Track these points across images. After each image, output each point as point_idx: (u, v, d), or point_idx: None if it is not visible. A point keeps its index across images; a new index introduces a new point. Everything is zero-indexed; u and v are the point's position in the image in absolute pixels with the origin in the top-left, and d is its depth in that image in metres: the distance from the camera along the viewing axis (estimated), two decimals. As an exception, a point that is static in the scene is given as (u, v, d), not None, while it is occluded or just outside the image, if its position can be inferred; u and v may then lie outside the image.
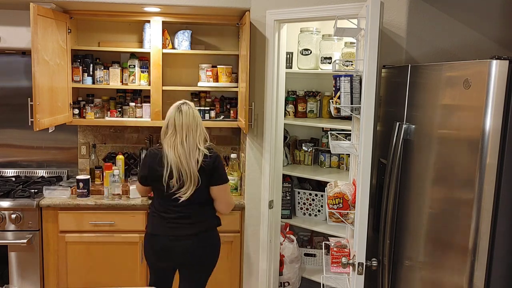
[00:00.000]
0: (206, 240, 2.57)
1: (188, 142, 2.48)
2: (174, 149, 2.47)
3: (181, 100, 2.59)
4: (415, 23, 2.40)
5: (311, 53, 3.45)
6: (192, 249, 2.53)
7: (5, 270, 3.10)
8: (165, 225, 2.53)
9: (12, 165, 3.65)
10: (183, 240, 2.51)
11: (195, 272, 2.61)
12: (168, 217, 2.53)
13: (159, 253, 2.54)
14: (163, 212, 2.54)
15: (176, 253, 2.52)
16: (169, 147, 2.48)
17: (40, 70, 2.83)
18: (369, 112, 1.90)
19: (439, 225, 1.78)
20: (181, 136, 2.48)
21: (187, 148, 2.46)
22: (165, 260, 2.56)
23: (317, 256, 3.66)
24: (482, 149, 1.52)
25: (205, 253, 2.58)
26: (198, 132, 2.53)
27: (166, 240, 2.52)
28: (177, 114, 2.50)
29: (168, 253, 2.53)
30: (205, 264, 2.61)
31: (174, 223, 2.52)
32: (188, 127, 2.49)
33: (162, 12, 3.26)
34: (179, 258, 2.54)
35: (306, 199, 3.58)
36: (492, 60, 1.48)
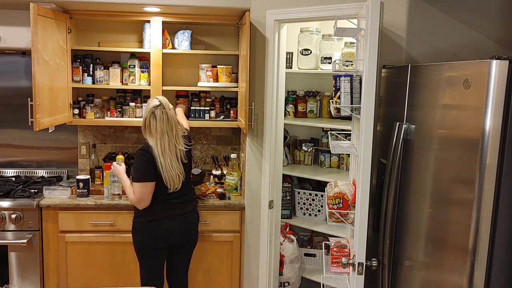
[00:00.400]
0: (197, 217, 2.94)
1: (171, 146, 2.68)
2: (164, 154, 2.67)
3: (156, 100, 2.70)
4: (415, 23, 2.40)
5: (311, 53, 3.45)
6: (194, 224, 2.90)
7: (5, 270, 3.10)
8: (168, 207, 2.76)
9: (12, 165, 3.65)
10: (184, 218, 2.81)
11: (188, 250, 2.94)
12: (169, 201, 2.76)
13: (163, 234, 2.75)
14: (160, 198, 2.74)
15: (181, 230, 2.81)
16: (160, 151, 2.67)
17: (40, 70, 2.83)
18: (369, 112, 1.90)
19: (439, 225, 1.78)
20: (160, 140, 2.66)
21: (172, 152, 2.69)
22: (169, 239, 2.79)
23: (317, 256, 3.66)
24: (482, 149, 1.52)
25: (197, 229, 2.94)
26: (174, 133, 2.71)
27: (170, 221, 2.76)
28: (151, 120, 2.67)
29: (173, 232, 2.78)
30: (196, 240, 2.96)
31: (175, 202, 2.78)
32: (163, 132, 2.67)
33: (162, 12, 3.26)
34: (184, 235, 2.83)
35: (306, 199, 3.57)
36: (492, 60, 1.48)
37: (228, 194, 3.30)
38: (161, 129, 2.66)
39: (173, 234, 2.78)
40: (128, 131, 3.69)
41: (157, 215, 2.74)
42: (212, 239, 3.21)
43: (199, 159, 3.77)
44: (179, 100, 3.56)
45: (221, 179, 3.53)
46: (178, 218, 2.79)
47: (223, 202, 3.20)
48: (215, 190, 3.29)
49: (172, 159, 2.68)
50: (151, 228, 2.75)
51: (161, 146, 2.66)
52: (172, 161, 2.68)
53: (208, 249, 3.23)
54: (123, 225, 3.13)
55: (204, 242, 3.19)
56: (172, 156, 2.68)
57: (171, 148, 2.68)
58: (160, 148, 2.65)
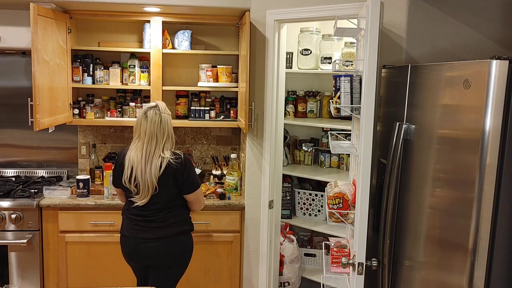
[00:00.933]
0: (174, 245, 2.54)
1: (150, 150, 2.43)
2: (135, 155, 2.45)
3: (153, 103, 2.53)
4: (415, 23, 2.40)
5: (311, 53, 3.45)
6: (158, 252, 2.52)
7: (5, 270, 3.10)
8: (132, 227, 2.55)
9: (12, 165, 3.65)
10: (150, 243, 2.51)
11: (162, 274, 2.60)
12: (135, 220, 2.54)
13: (128, 253, 2.60)
14: (131, 214, 2.56)
15: (142, 254, 2.55)
16: (131, 152, 2.47)
17: (40, 70, 2.83)
18: (369, 112, 1.90)
19: (439, 225, 1.78)
20: (143, 143, 2.44)
21: (146, 155, 2.42)
22: (135, 260, 2.61)
23: (317, 256, 3.66)
24: (482, 149, 1.52)
25: (172, 257, 2.56)
26: (164, 139, 2.46)
27: (133, 242, 2.54)
28: (143, 119, 2.46)
29: (136, 254, 2.57)
30: (172, 267, 2.60)
31: (140, 225, 2.53)
32: (152, 135, 2.43)
33: (162, 12, 3.26)
34: (146, 260, 2.57)
35: (306, 199, 3.57)
36: (492, 60, 1.48)
37: (228, 194, 3.30)
38: (150, 132, 2.42)
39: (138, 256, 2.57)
40: (128, 131, 3.69)
41: (122, 230, 2.62)
42: (212, 239, 3.21)
43: (199, 159, 3.77)
44: (179, 100, 3.56)
45: (221, 179, 3.53)
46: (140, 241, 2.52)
47: (223, 202, 3.20)
48: (215, 190, 3.30)
49: (152, 166, 2.41)
50: (121, 241, 2.64)
51: (146, 150, 2.42)
52: (152, 168, 2.41)
53: (208, 249, 3.23)
54: (123, 225, 3.13)
55: (204, 242, 3.19)
56: (153, 163, 2.42)
57: (155, 155, 2.42)
58: (142, 152, 2.42)
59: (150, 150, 2.43)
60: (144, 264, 2.61)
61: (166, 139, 2.47)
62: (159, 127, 2.44)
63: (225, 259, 3.24)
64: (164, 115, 2.48)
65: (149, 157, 2.43)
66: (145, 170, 2.42)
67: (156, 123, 2.44)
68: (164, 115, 2.48)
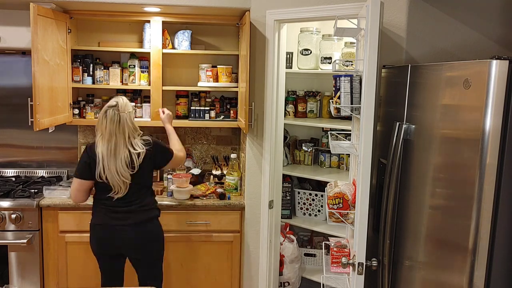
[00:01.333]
0: (146, 230, 2.67)
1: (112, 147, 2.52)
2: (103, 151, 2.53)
3: (114, 101, 2.59)
4: (415, 23, 2.40)
5: (311, 53, 3.45)
6: (131, 238, 2.63)
7: (5, 270, 3.10)
8: (106, 215, 2.64)
9: (12, 165, 3.65)
10: (123, 230, 2.61)
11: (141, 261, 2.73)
12: (109, 207, 2.63)
13: (100, 241, 2.66)
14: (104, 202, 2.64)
15: (117, 242, 2.63)
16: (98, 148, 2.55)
17: (40, 70, 2.83)
18: (369, 112, 1.90)
19: (439, 225, 1.78)
20: (107, 141, 2.53)
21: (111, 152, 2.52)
22: (108, 248, 2.67)
23: (317, 256, 3.66)
24: (482, 149, 1.52)
25: (145, 243, 2.68)
26: (126, 135, 2.55)
27: (107, 230, 2.64)
28: (103, 119, 2.55)
29: (110, 242, 2.65)
30: (147, 253, 2.72)
31: (114, 212, 2.63)
32: (111, 134, 2.53)
33: (162, 12, 3.26)
34: (120, 247, 2.66)
35: (306, 199, 3.57)
36: (492, 60, 1.48)
37: (228, 194, 3.30)
38: (109, 130, 2.52)
39: (118, 244, 2.65)
40: (128, 131, 3.69)
41: (100, 220, 2.65)
42: (212, 239, 3.21)
43: (199, 159, 3.77)
44: (179, 100, 3.56)
45: (221, 179, 3.53)
46: (121, 228, 2.61)
47: (223, 202, 3.20)
48: (215, 190, 3.29)
49: (117, 163, 2.52)
50: (96, 232, 2.67)
51: (108, 148, 2.52)
52: (117, 165, 2.52)
53: (208, 249, 3.23)
54: (123, 225, 3.13)
55: (204, 242, 3.19)
56: (117, 161, 2.52)
57: (118, 152, 2.52)
58: (106, 150, 2.51)
59: (115, 146, 2.53)
60: (119, 251, 2.68)
61: (129, 135, 2.57)
62: (117, 127, 2.53)
63: (225, 259, 3.24)
64: (123, 115, 2.55)
65: (116, 153, 2.53)
66: (115, 165, 2.53)
67: (115, 122, 2.53)
68: (122, 114, 2.55)
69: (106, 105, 2.60)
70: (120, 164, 2.52)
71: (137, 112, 3.49)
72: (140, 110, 3.49)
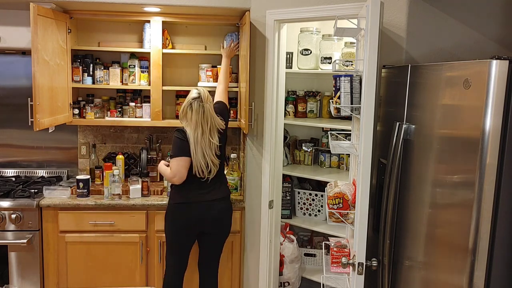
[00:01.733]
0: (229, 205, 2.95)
1: (204, 137, 2.74)
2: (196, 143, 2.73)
3: (195, 92, 2.76)
4: (415, 23, 2.40)
5: (311, 53, 3.45)
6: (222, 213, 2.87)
7: (5, 270, 3.10)
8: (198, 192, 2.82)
9: (12, 165, 3.65)
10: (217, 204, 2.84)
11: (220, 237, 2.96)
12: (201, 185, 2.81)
13: (191, 219, 2.81)
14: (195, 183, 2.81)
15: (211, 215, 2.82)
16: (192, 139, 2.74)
17: (40, 70, 2.83)
18: (369, 112, 1.90)
19: (439, 225, 1.78)
20: (197, 132, 2.73)
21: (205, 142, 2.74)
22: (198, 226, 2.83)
23: (317, 256, 3.66)
24: (482, 149, 1.52)
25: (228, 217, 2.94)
26: (209, 126, 2.76)
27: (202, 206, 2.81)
28: (188, 110, 2.75)
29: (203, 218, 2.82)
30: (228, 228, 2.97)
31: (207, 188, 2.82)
32: (197, 124, 2.73)
33: (162, 12, 3.26)
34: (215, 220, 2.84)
35: (306, 199, 3.57)
36: (492, 60, 1.48)
37: (228, 194, 3.30)
38: (195, 120, 2.72)
39: (202, 220, 2.82)
40: (128, 131, 3.69)
41: (187, 199, 2.81)
42: (212, 239, 3.21)
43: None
44: (179, 100, 3.56)
45: (221, 179, 3.53)
46: (207, 204, 2.82)
47: (223, 202, 3.19)
48: (215, 190, 3.29)
49: (204, 149, 2.74)
50: (181, 210, 2.82)
51: (194, 136, 2.72)
52: (204, 151, 2.74)
53: (208, 249, 3.23)
54: (123, 225, 3.13)
55: (204, 242, 3.19)
56: (205, 147, 2.74)
57: (204, 139, 2.74)
58: (193, 138, 2.73)
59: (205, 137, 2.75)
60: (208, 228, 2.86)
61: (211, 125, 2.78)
62: (203, 117, 2.74)
63: (225, 259, 3.24)
64: (207, 106, 2.76)
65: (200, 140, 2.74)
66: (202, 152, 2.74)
67: (200, 114, 2.74)
68: (207, 105, 2.76)
69: (189, 97, 2.76)
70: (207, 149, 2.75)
71: (137, 112, 3.49)
72: (140, 110, 3.49)
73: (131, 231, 3.15)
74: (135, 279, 3.18)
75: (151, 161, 3.56)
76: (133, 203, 3.13)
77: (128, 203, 3.12)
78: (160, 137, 3.70)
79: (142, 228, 3.14)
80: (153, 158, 3.57)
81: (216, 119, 2.81)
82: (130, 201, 3.14)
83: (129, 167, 3.63)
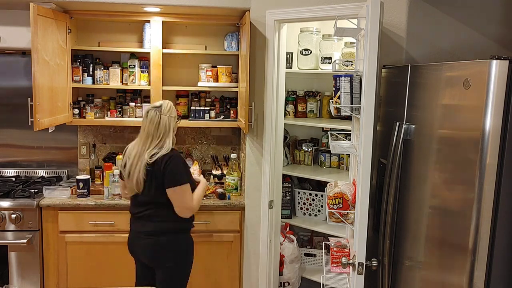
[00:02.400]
0: (164, 242, 2.55)
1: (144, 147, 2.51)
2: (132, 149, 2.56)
3: (159, 102, 2.58)
4: (415, 23, 2.40)
5: (311, 53, 3.45)
6: (149, 248, 2.57)
7: (5, 270, 3.10)
8: (133, 221, 2.66)
9: (12, 165, 3.65)
10: (143, 238, 2.58)
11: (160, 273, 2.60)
12: (134, 213, 2.64)
13: (128, 246, 2.68)
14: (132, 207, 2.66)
15: (137, 248, 2.62)
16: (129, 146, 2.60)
17: (40, 70, 2.83)
18: (369, 112, 1.90)
19: (439, 225, 1.78)
20: (141, 139, 2.53)
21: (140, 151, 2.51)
22: (133, 253, 2.68)
23: (317, 256, 3.65)
24: (482, 149, 1.52)
25: (163, 256, 2.56)
26: (159, 139, 2.50)
27: (132, 235, 2.65)
28: (144, 117, 2.56)
29: (132, 248, 2.66)
30: (165, 266, 2.57)
31: (137, 218, 2.61)
32: (148, 134, 2.50)
33: (162, 12, 3.26)
34: (140, 254, 2.63)
35: (306, 199, 3.57)
36: (492, 60, 1.48)
37: (228, 194, 3.30)
38: (147, 131, 2.50)
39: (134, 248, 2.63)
40: (128, 131, 3.69)
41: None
42: (212, 239, 3.21)
43: (199, 159, 3.77)
44: (179, 100, 3.56)
45: (221, 179, 3.53)
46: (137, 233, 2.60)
47: (223, 202, 3.20)
48: (215, 190, 3.29)
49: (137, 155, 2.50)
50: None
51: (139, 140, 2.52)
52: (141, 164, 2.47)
53: (208, 249, 3.23)
54: (123, 225, 3.13)
55: (204, 242, 3.19)
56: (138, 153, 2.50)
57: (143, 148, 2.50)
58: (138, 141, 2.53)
59: (144, 147, 2.51)
60: (140, 258, 2.66)
61: (160, 139, 2.51)
62: (156, 128, 2.51)
63: (225, 259, 3.24)
64: (164, 118, 2.52)
65: (142, 153, 2.51)
66: (136, 164, 2.50)
67: (155, 123, 2.51)
68: (164, 117, 2.52)
69: (149, 105, 2.62)
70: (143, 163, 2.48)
71: (137, 112, 3.49)
72: (140, 110, 3.49)
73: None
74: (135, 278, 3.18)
75: (151, 161, 3.56)
76: (133, 203, 3.12)
77: (128, 203, 3.11)
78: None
79: (142, 228, 3.14)
80: (153, 158, 3.56)
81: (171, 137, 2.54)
82: (130, 201, 3.13)
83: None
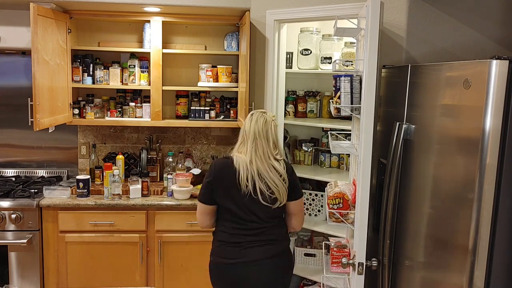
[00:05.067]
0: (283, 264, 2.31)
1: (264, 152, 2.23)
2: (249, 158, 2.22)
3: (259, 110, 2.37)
4: (415, 23, 2.40)
5: (311, 53, 3.45)
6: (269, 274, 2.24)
7: (5, 270, 3.10)
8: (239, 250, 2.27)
9: (12, 165, 3.65)
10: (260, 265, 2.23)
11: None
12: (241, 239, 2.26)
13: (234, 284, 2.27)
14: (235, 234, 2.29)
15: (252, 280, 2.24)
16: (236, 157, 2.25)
17: (40, 70, 2.83)
18: (369, 112, 1.90)
19: (439, 225, 1.78)
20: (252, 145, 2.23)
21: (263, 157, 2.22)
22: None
23: (317, 256, 3.65)
24: (482, 149, 1.52)
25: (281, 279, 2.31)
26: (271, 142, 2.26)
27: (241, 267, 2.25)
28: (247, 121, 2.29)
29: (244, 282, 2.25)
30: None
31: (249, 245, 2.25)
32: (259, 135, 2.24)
33: (162, 12, 3.26)
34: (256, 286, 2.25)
35: (306, 199, 3.57)
36: (492, 60, 1.48)
37: (228, 194, 3.29)
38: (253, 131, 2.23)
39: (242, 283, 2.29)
40: (128, 131, 3.69)
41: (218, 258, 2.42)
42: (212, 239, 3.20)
43: (199, 159, 3.77)
44: (179, 100, 3.56)
45: (221, 179, 3.52)
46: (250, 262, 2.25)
47: (223, 202, 3.19)
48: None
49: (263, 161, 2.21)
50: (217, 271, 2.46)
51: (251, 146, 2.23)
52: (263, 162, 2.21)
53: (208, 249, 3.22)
54: (123, 225, 3.13)
55: (204, 242, 3.18)
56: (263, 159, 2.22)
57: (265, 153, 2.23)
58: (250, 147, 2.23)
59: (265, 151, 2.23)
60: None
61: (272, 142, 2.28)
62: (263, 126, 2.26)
63: (225, 259, 3.24)
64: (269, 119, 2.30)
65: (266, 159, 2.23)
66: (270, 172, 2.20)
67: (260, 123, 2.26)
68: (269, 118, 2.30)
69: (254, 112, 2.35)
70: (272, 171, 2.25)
71: (137, 112, 3.49)
72: (140, 110, 3.49)
73: (131, 231, 3.15)
74: (135, 279, 3.18)
75: (151, 161, 3.56)
76: (133, 203, 3.13)
77: (128, 203, 3.12)
78: (160, 137, 3.70)
79: (142, 228, 3.14)
80: (153, 158, 3.57)
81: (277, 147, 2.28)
82: (130, 201, 3.14)
83: (129, 167, 3.63)
